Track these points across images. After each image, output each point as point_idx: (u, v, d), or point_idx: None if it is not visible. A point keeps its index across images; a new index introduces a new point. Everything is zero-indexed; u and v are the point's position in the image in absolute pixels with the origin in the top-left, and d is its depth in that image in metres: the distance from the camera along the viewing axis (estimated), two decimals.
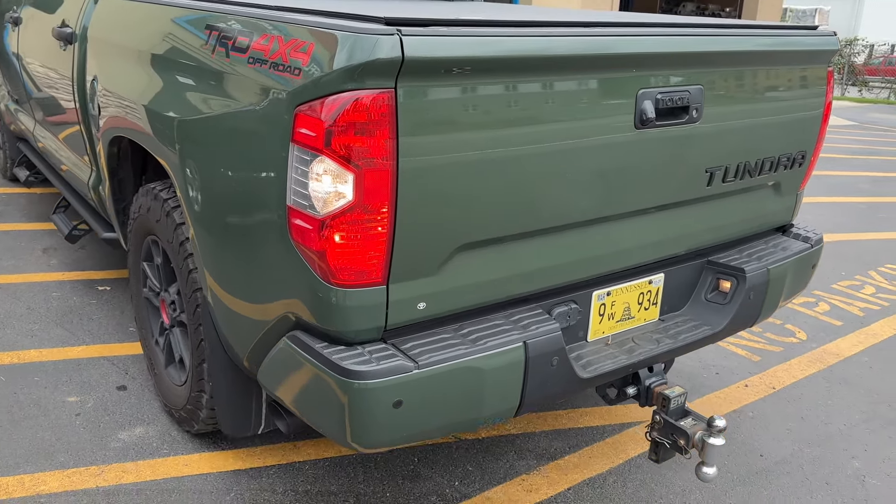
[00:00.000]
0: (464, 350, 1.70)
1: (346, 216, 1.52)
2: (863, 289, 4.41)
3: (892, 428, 2.93)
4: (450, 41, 1.50)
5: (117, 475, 2.37)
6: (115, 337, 3.25)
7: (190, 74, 1.96)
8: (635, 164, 1.93)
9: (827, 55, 2.40)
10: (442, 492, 2.38)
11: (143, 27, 2.33)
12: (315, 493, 2.33)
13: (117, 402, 2.77)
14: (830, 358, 3.49)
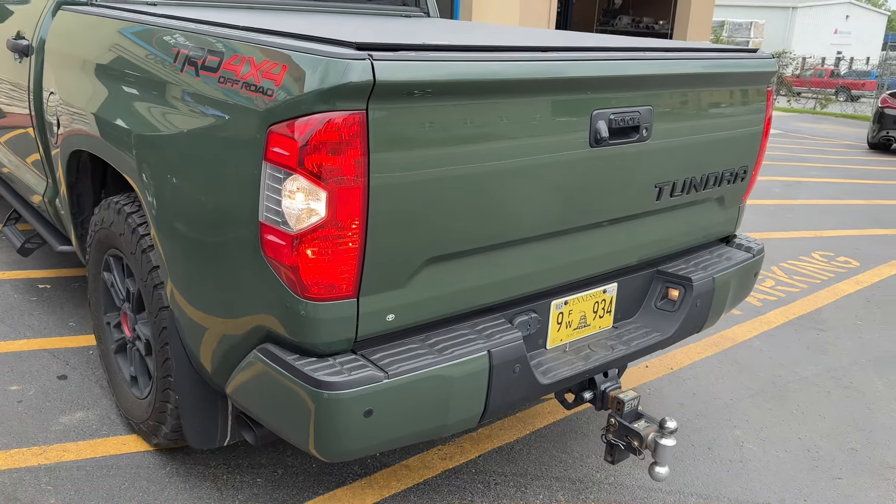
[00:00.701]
0: (431, 359, 1.77)
1: (318, 232, 1.57)
2: (763, 282, 4.72)
3: (773, 402, 3.20)
4: (418, 65, 1.57)
5: (58, 454, 2.47)
6: (55, 331, 3.32)
7: (159, 92, 1.98)
8: (590, 181, 2.03)
9: (766, 76, 2.56)
10: (364, 461, 2.56)
11: (107, 42, 2.34)
12: (246, 466, 2.47)
13: (58, 390, 2.86)
14: (726, 342, 3.77)
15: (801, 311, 4.27)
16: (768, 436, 2.94)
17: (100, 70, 2.33)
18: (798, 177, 8.53)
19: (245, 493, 2.37)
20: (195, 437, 2.18)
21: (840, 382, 3.43)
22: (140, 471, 2.43)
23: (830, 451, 2.86)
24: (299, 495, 2.37)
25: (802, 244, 5.68)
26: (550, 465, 2.63)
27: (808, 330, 4.01)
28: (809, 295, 4.54)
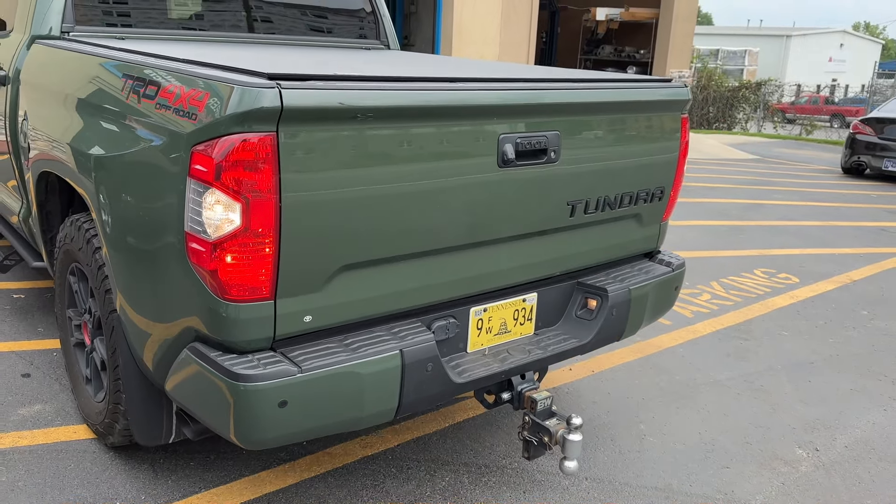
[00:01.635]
0: (344, 357, 1.96)
1: (235, 240, 1.78)
2: (700, 296, 4.94)
3: (682, 402, 3.43)
4: (323, 93, 1.79)
5: (13, 440, 2.72)
6: (24, 336, 3.59)
7: (108, 116, 2.21)
8: (500, 198, 2.24)
9: (680, 104, 2.77)
10: (290, 449, 2.79)
11: (69, 73, 2.58)
12: (182, 452, 2.73)
13: (21, 386, 3.12)
14: (650, 349, 3.99)
15: (730, 323, 4.46)
16: (670, 430, 3.15)
17: (63, 98, 2.56)
18: (759, 199, 8.77)
19: (178, 473, 2.60)
20: (142, 435, 2.37)
21: (751, 385, 3.63)
22: (86, 455, 2.68)
23: (725, 444, 3.07)
24: (227, 476, 2.60)
25: (746, 262, 5.88)
26: (461, 453, 2.86)
27: (732, 339, 4.21)
28: (742, 308, 4.74)
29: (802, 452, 3.01)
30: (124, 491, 2.49)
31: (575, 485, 2.69)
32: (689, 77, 14.65)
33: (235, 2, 3.64)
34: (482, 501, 2.58)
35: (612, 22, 15.30)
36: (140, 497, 2.46)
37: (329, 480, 2.63)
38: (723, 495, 2.71)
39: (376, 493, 2.58)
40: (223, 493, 2.51)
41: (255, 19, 3.70)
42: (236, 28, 3.62)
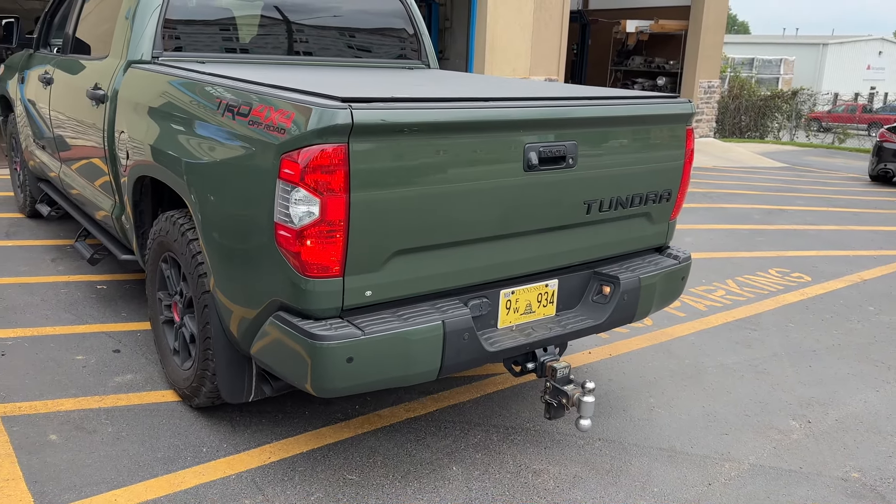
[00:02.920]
0: (397, 324, 2.41)
1: (314, 228, 2.25)
2: (714, 292, 5.32)
3: (690, 381, 3.82)
4: (384, 112, 2.25)
5: (113, 401, 3.28)
6: (111, 319, 4.13)
7: (206, 131, 2.71)
8: (526, 198, 2.68)
9: (685, 117, 3.18)
10: (345, 410, 3.26)
11: (166, 93, 3.09)
12: (255, 411, 3.20)
13: (113, 360, 3.65)
14: (664, 337, 4.38)
15: (741, 316, 4.83)
16: (677, 404, 3.57)
17: (160, 114, 3.07)
18: (782, 205, 9.03)
19: (252, 428, 3.09)
20: (229, 393, 2.85)
21: (755, 369, 4.01)
22: (174, 413, 3.20)
23: (726, 416, 3.48)
24: (293, 430, 3.09)
25: (762, 262, 6.20)
26: (491, 417, 3.33)
27: (742, 330, 4.58)
28: (753, 303, 5.10)
29: (795, 423, 3.40)
30: (209, 441, 2.98)
31: (589, 444, 3.11)
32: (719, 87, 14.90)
33: (295, 29, 4.14)
34: (509, 455, 3.02)
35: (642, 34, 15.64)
36: (222, 445, 2.96)
37: (378, 435, 3.10)
38: (720, 455, 3.11)
39: (419, 447, 3.04)
40: (291, 443, 3.00)
41: (312, 44, 4.20)
42: (295, 51, 4.12)
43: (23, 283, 4.57)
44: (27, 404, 3.17)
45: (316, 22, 4.23)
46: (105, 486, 2.66)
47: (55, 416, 3.09)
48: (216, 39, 3.84)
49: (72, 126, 4.14)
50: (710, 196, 9.24)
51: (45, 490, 2.61)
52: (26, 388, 3.31)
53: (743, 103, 20.52)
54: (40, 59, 4.95)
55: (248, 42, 4.01)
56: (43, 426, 3.01)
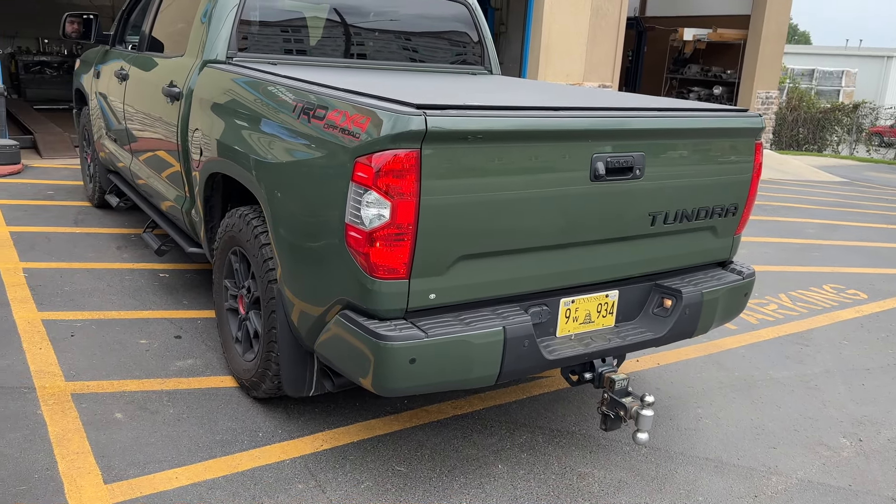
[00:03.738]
0: (459, 328, 2.45)
1: (384, 231, 2.30)
2: (767, 306, 5.22)
3: (739, 393, 3.79)
4: (458, 119, 2.29)
5: (175, 384, 3.41)
6: (173, 306, 4.29)
7: (281, 132, 2.79)
8: (590, 207, 2.68)
9: (754, 132, 3.13)
10: (393, 404, 3.34)
11: (242, 94, 3.19)
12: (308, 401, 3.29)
13: (175, 345, 3.79)
14: (714, 349, 4.33)
15: (793, 331, 4.73)
16: (725, 415, 3.53)
17: (235, 113, 3.17)
18: (839, 220, 8.78)
19: (306, 416, 3.19)
20: (291, 387, 2.92)
21: (806, 385, 3.94)
22: (232, 398, 3.32)
23: (774, 429, 3.42)
24: (345, 421, 3.19)
25: (817, 277, 6.06)
26: (537, 419, 3.35)
27: (793, 345, 4.49)
28: (806, 318, 4.99)
29: (846, 441, 3.34)
30: (264, 426, 3.09)
31: (635, 450, 3.12)
32: (777, 98, 14.56)
33: (361, 32, 4.22)
34: (554, 456, 3.05)
35: (700, 42, 15.38)
36: (277, 431, 3.05)
37: (426, 430, 3.16)
38: (767, 469, 3.08)
39: (465, 443, 3.09)
40: (342, 432, 3.09)
41: (377, 47, 4.27)
42: (361, 55, 4.19)
43: (90, 269, 4.76)
44: (95, 383, 3.32)
45: (382, 26, 4.30)
46: (167, 464, 2.77)
47: (120, 395, 3.23)
48: (285, 41, 3.94)
49: (145, 120, 4.29)
50: (764, 208, 9.04)
51: (111, 465, 2.74)
52: (94, 367, 3.47)
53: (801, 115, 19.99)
54: (116, 55, 5.14)
55: (315, 44, 4.10)
56: (109, 405, 3.15)
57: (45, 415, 3.04)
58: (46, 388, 3.24)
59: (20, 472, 2.66)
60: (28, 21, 13.10)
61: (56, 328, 3.85)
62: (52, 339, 3.72)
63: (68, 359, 3.53)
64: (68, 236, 5.40)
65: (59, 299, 4.23)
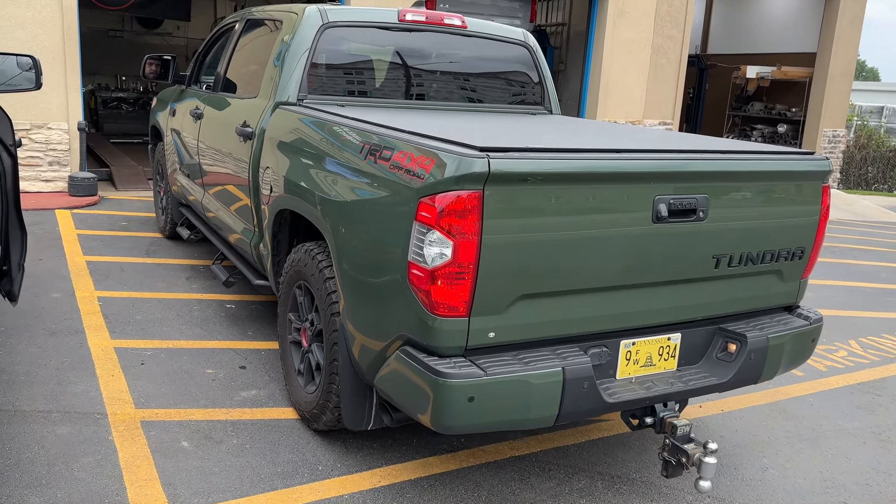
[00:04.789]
0: (518, 367, 2.45)
1: (445, 269, 2.34)
2: (836, 352, 5.01)
3: (807, 443, 3.65)
4: (520, 162, 2.33)
5: (239, 415, 3.51)
6: (238, 337, 4.42)
7: (348, 171, 2.88)
8: (652, 249, 2.67)
9: (821, 175, 3.07)
10: (451, 442, 3.35)
11: (311, 134, 3.31)
12: (367, 435, 3.36)
13: (239, 375, 3.90)
14: (780, 396, 4.18)
15: (864, 379, 4.53)
16: (792, 466, 3.40)
17: (304, 153, 3.29)
18: None
19: (364, 451, 3.23)
20: (350, 420, 2.97)
21: (878, 437, 3.75)
22: (293, 430, 3.38)
23: (845, 483, 3.27)
24: (403, 457, 3.20)
25: (889, 324, 5.81)
26: (596, 463, 3.29)
27: (865, 394, 4.30)
28: (878, 366, 4.77)
29: None
30: (324, 459, 3.14)
31: (698, 500, 3.02)
32: (844, 136, 14.15)
33: (424, 74, 4.34)
34: (614, 503, 2.96)
35: (763, 79, 15.15)
36: (336, 465, 3.10)
37: (483, 471, 3.15)
38: None
39: (522, 486, 3.06)
40: (399, 469, 3.10)
41: (440, 89, 4.38)
42: (424, 96, 4.31)
43: (161, 299, 4.96)
44: (163, 411, 3.44)
45: (444, 68, 4.41)
46: (230, 494, 2.84)
47: (187, 424, 3.34)
48: (352, 83, 4.09)
49: (217, 157, 4.49)
50: (832, 250, 8.75)
51: (177, 493, 2.82)
52: (162, 396, 3.59)
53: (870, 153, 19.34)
54: (191, 94, 5.41)
55: (381, 86, 4.24)
56: (176, 433, 3.25)
57: (115, 441, 3.16)
58: (117, 415, 3.38)
59: (91, 496, 2.76)
60: (108, 59, 13.92)
61: (127, 356, 4.02)
62: (123, 367, 3.88)
63: (138, 386, 3.68)
64: (141, 266, 5.65)
65: (131, 328, 4.42)
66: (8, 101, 6.14)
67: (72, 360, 3.90)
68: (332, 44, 3.96)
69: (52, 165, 8.05)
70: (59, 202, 7.59)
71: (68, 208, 7.47)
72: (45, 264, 5.52)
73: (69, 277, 5.25)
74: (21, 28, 7.62)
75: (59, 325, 4.37)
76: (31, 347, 4.02)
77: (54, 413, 3.34)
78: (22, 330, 4.25)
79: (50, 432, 3.17)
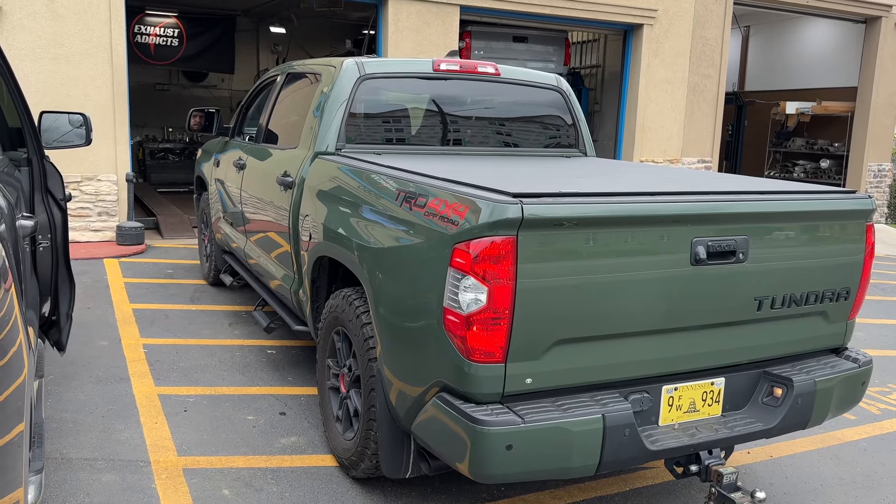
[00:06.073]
0: (557, 415, 2.42)
1: (481, 315, 2.34)
2: (890, 394, 4.80)
3: (862, 491, 3.50)
4: (553, 207, 2.34)
5: (278, 462, 3.51)
6: (278, 382, 4.46)
7: (384, 218, 2.93)
8: (692, 292, 2.63)
9: (865, 213, 3.00)
10: (490, 491, 3.29)
11: (350, 183, 3.38)
12: (405, 483, 3.29)
13: (280, 422, 3.91)
14: (832, 441, 3.99)
15: None
16: None
17: (343, 202, 3.36)
18: None
19: (403, 500, 3.19)
20: (388, 467, 2.95)
21: None
22: (332, 478, 3.37)
23: None
24: None
25: None
26: None
27: None
28: None
29: None
30: None
31: None
32: (890, 170, 13.81)
33: (459, 121, 4.41)
34: None
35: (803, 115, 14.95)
36: None
37: None
38: None
39: None
40: None
41: (475, 134, 4.44)
42: (460, 142, 4.37)
43: (204, 345, 5.04)
44: (205, 458, 3.47)
45: (479, 114, 4.48)
46: None
47: (228, 471, 3.36)
48: (389, 131, 4.18)
49: (259, 206, 4.60)
50: (883, 288, 8.46)
51: None
52: (204, 443, 3.63)
53: None
54: (235, 145, 5.59)
55: (416, 134, 4.32)
56: (218, 481, 3.27)
57: (158, 489, 3.19)
58: (160, 463, 3.42)
59: None
60: (155, 112, 14.49)
61: (171, 403, 4.08)
62: (166, 414, 3.94)
63: (181, 434, 3.72)
64: (185, 313, 5.77)
65: (175, 374, 4.50)
66: (59, 155, 6.42)
67: (117, 408, 3.98)
68: (369, 94, 4.06)
69: (101, 216, 8.34)
70: (108, 251, 7.85)
71: (116, 257, 7.71)
72: (92, 312, 5.68)
73: (116, 325, 5.39)
74: (74, 86, 8.01)
75: (106, 372, 4.47)
76: (79, 395, 4.12)
77: (99, 461, 3.40)
78: (70, 378, 4.36)
79: (95, 480, 3.22)
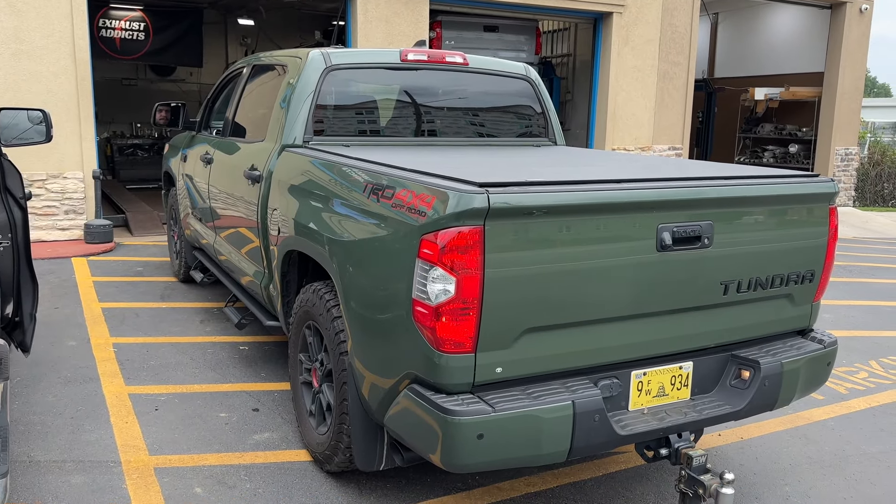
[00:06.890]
0: (527, 402, 2.43)
1: (449, 305, 2.34)
2: (856, 374, 4.90)
3: (830, 469, 3.56)
4: (519, 196, 2.34)
5: (252, 458, 3.48)
6: (251, 379, 4.42)
7: (352, 211, 2.91)
8: (658, 277, 2.65)
9: (828, 196, 3.05)
10: (465, 480, 3.31)
11: (317, 175, 3.35)
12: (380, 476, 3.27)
13: (252, 418, 3.89)
14: (800, 421, 4.07)
15: (887, 401, 4.43)
16: (815, 494, 3.32)
17: (311, 194, 3.33)
18: None
19: (378, 493, 3.19)
20: (362, 460, 2.94)
21: None
22: (306, 473, 3.36)
23: None
24: (416, 497, 3.16)
25: None
26: (614, 498, 3.20)
27: (887, 416, 4.20)
28: None
29: None
30: (338, 501, 3.11)
31: None
32: (857, 154, 14.07)
33: (427, 112, 4.39)
34: None
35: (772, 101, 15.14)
36: None
37: None
38: None
39: None
40: None
41: (444, 125, 4.42)
42: (428, 133, 4.35)
43: (175, 343, 4.99)
44: (176, 457, 3.43)
45: (448, 104, 4.46)
46: None
47: (200, 469, 3.33)
48: (357, 123, 4.14)
49: (228, 201, 4.55)
50: (849, 269, 8.63)
51: None
52: (176, 441, 3.59)
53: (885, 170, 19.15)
54: (202, 140, 5.51)
55: (386, 125, 4.29)
56: (190, 479, 3.24)
57: (129, 489, 3.15)
58: (131, 463, 3.38)
59: None
60: (122, 107, 14.23)
61: (141, 402, 4.03)
62: (137, 413, 3.89)
63: (152, 433, 3.68)
64: (155, 311, 5.70)
65: (145, 373, 4.44)
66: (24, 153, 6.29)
67: (86, 409, 3.92)
68: (336, 85, 4.02)
69: (69, 214, 8.19)
70: (76, 250, 7.71)
71: (84, 256, 7.58)
72: (61, 312, 5.58)
73: (85, 325, 5.30)
74: (37, 82, 7.84)
75: (75, 373, 4.40)
76: (47, 396, 4.05)
77: (69, 462, 3.34)
78: (38, 379, 4.28)
79: (64, 482, 3.17)
